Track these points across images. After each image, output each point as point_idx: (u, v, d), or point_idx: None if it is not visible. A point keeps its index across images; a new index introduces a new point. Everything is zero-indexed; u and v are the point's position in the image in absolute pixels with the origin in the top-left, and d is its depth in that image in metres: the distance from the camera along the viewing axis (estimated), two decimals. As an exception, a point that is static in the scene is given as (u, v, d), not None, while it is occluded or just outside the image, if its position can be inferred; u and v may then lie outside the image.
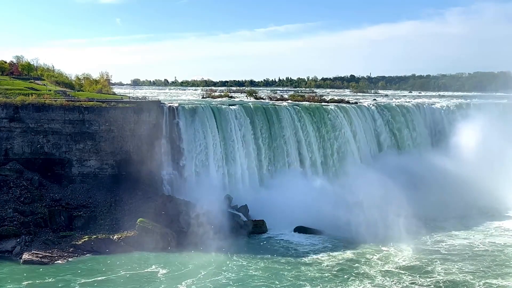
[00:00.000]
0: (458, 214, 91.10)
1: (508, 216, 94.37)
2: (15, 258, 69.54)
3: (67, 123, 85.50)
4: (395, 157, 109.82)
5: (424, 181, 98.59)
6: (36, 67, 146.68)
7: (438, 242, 78.45)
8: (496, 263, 69.19)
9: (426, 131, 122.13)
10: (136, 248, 73.58)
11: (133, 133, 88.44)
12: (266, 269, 66.94)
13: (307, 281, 62.91)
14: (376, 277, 63.88)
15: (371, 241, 76.75)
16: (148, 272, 65.73)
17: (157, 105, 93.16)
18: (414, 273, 65.14)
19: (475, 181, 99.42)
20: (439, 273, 65.04)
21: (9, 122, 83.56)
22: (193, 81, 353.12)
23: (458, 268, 66.89)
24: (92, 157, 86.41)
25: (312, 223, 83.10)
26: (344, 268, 67.43)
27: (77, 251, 71.91)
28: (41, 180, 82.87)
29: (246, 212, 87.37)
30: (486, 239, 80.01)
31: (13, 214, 76.51)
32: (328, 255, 72.39)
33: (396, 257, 71.11)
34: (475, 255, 72.60)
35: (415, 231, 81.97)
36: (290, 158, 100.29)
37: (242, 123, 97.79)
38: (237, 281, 62.79)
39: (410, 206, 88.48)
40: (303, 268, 67.20)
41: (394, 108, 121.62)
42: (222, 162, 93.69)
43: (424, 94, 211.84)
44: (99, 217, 79.37)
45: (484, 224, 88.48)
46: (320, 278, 63.76)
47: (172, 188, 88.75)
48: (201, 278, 63.42)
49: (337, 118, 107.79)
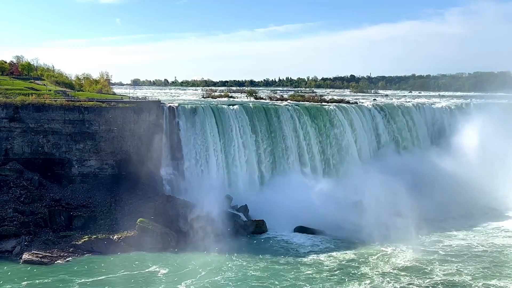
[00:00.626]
0: (458, 214, 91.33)
1: (508, 216, 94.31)
2: (15, 258, 69.53)
3: (67, 123, 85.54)
4: (395, 157, 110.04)
5: (424, 181, 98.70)
6: (36, 67, 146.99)
7: (437, 243, 78.43)
8: (495, 264, 69.14)
9: (426, 131, 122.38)
10: (136, 248, 73.62)
11: (133, 133, 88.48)
12: (266, 269, 66.98)
13: (306, 281, 62.92)
14: (375, 278, 63.84)
15: (371, 241, 76.84)
16: (148, 272, 65.75)
17: (157, 105, 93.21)
18: (412, 273, 65.16)
19: (475, 181, 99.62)
20: (437, 274, 65.02)
21: (9, 122, 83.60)
22: (193, 81, 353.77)
23: (456, 269, 66.81)
24: (92, 157, 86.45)
25: (312, 223, 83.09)
26: (343, 268, 67.42)
27: (77, 251, 71.94)
28: (41, 180, 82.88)
29: (246, 212, 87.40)
30: (485, 240, 79.99)
31: (13, 214, 76.54)
32: (328, 255, 72.40)
33: (395, 257, 71.12)
34: (474, 255, 72.53)
35: (415, 232, 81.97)
36: (290, 158, 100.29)
37: (242, 123, 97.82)
38: (236, 281, 62.84)
39: (410, 206, 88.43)
40: (303, 268, 67.22)
41: (394, 108, 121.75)
42: (222, 162, 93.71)
43: (424, 94, 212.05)
44: (99, 217, 79.41)
45: (484, 225, 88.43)
46: (320, 279, 63.79)
47: (172, 188, 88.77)
48: (200, 278, 63.47)
49: (337, 118, 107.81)
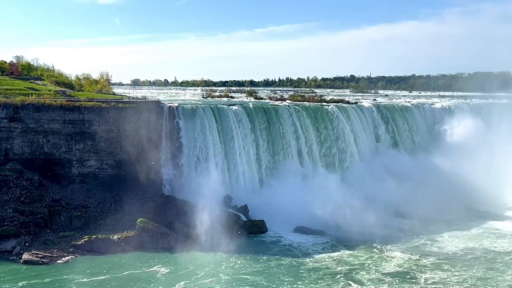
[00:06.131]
0: (457, 214, 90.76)
1: (507, 216, 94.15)
2: (15, 258, 69.50)
3: (67, 123, 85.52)
4: (395, 157, 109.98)
5: (424, 181, 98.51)
6: (36, 67, 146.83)
7: (433, 245, 77.63)
8: (490, 267, 67.87)
9: (426, 131, 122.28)
10: (136, 248, 73.69)
11: (133, 133, 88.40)
12: (266, 269, 66.96)
13: (306, 281, 62.91)
14: (374, 279, 63.95)
15: (370, 241, 77.01)
16: (148, 272, 65.72)
17: (157, 105, 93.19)
18: (405, 276, 64.52)
19: (475, 182, 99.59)
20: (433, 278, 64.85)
21: (9, 122, 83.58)
22: (193, 81, 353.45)
23: (450, 274, 65.92)
24: (92, 157, 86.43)
25: (312, 223, 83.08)
26: (343, 268, 67.40)
27: (77, 251, 71.92)
28: (41, 180, 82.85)
29: (246, 212, 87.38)
30: (480, 243, 78.79)
31: (13, 214, 76.54)
32: (328, 256, 72.42)
33: (391, 259, 70.48)
34: (470, 259, 71.43)
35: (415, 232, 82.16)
36: (290, 158, 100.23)
37: (242, 123, 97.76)
38: (236, 281, 62.79)
39: (410, 206, 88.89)
40: (302, 269, 67.24)
41: (394, 108, 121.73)
42: (222, 162, 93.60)
43: (424, 94, 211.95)
44: (99, 217, 79.42)
45: (480, 226, 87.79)
46: (319, 279, 63.77)
47: (172, 188, 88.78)
48: (200, 278, 63.45)
49: (337, 118, 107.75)
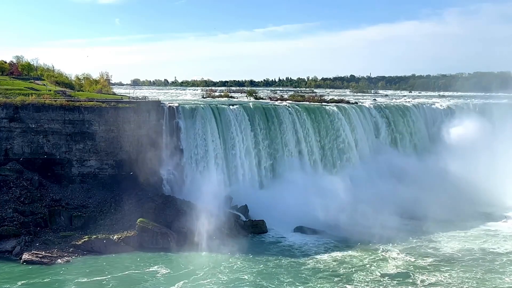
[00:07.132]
0: (456, 215, 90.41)
1: (507, 216, 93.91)
2: (15, 258, 69.43)
3: (67, 123, 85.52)
4: (395, 157, 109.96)
5: (424, 181, 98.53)
6: (36, 67, 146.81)
7: (433, 246, 77.28)
8: (488, 269, 67.43)
9: (426, 131, 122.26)
10: (136, 248, 73.69)
11: (133, 133, 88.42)
12: (266, 269, 66.89)
13: (306, 282, 62.84)
14: (374, 279, 63.89)
15: (371, 242, 76.89)
16: (148, 272, 65.69)
17: (157, 105, 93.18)
18: (405, 278, 64.28)
19: (475, 182, 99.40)
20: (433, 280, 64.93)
21: (9, 122, 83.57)
22: (193, 81, 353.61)
23: (449, 276, 65.60)
24: (92, 157, 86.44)
25: (312, 223, 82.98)
26: (343, 269, 67.33)
27: (77, 251, 71.88)
28: (41, 180, 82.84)
29: (246, 212, 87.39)
30: (480, 244, 78.28)
31: (13, 214, 76.50)
32: (328, 256, 72.33)
33: (389, 261, 70.19)
34: (469, 260, 71.14)
35: (415, 232, 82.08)
36: (290, 158, 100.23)
37: (242, 123, 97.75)
38: (236, 281, 62.75)
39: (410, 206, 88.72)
40: (302, 269, 67.17)
41: (394, 108, 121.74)
42: (222, 162, 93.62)
43: (424, 94, 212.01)
44: (99, 217, 79.41)
45: (480, 227, 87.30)
46: (319, 279, 63.74)
47: (172, 188, 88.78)
48: (200, 278, 63.38)
49: (337, 118, 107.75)
